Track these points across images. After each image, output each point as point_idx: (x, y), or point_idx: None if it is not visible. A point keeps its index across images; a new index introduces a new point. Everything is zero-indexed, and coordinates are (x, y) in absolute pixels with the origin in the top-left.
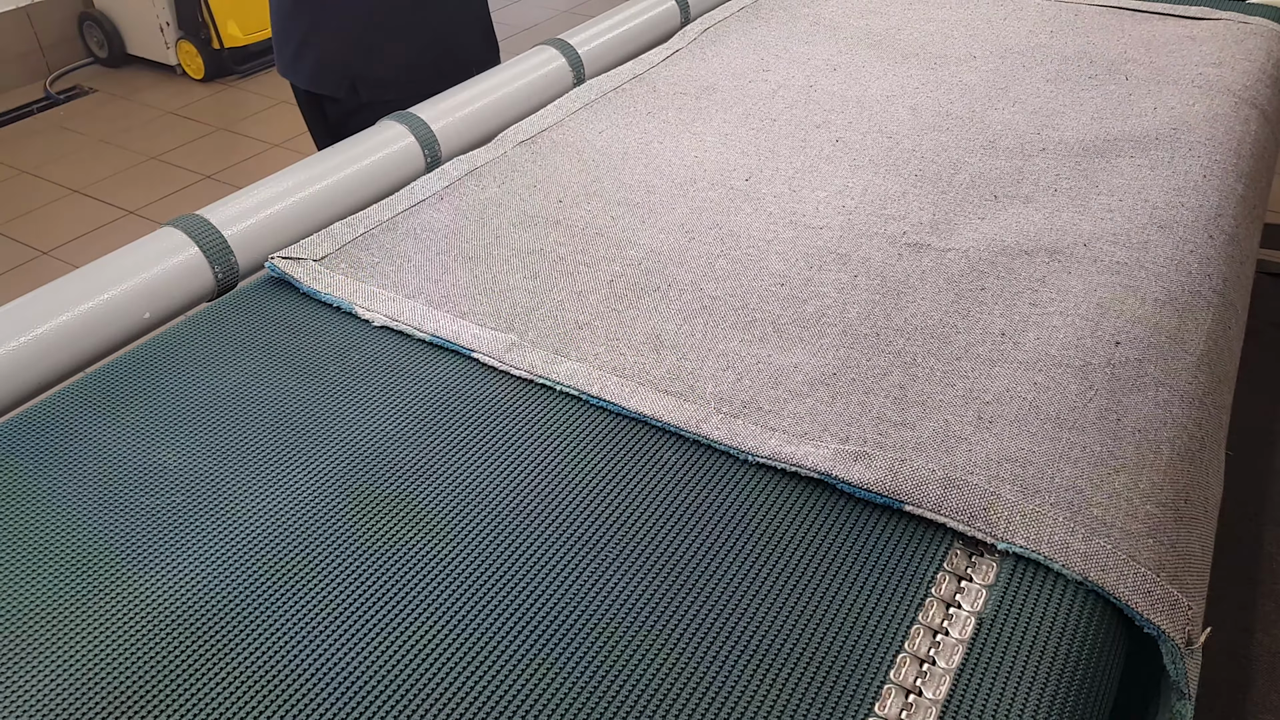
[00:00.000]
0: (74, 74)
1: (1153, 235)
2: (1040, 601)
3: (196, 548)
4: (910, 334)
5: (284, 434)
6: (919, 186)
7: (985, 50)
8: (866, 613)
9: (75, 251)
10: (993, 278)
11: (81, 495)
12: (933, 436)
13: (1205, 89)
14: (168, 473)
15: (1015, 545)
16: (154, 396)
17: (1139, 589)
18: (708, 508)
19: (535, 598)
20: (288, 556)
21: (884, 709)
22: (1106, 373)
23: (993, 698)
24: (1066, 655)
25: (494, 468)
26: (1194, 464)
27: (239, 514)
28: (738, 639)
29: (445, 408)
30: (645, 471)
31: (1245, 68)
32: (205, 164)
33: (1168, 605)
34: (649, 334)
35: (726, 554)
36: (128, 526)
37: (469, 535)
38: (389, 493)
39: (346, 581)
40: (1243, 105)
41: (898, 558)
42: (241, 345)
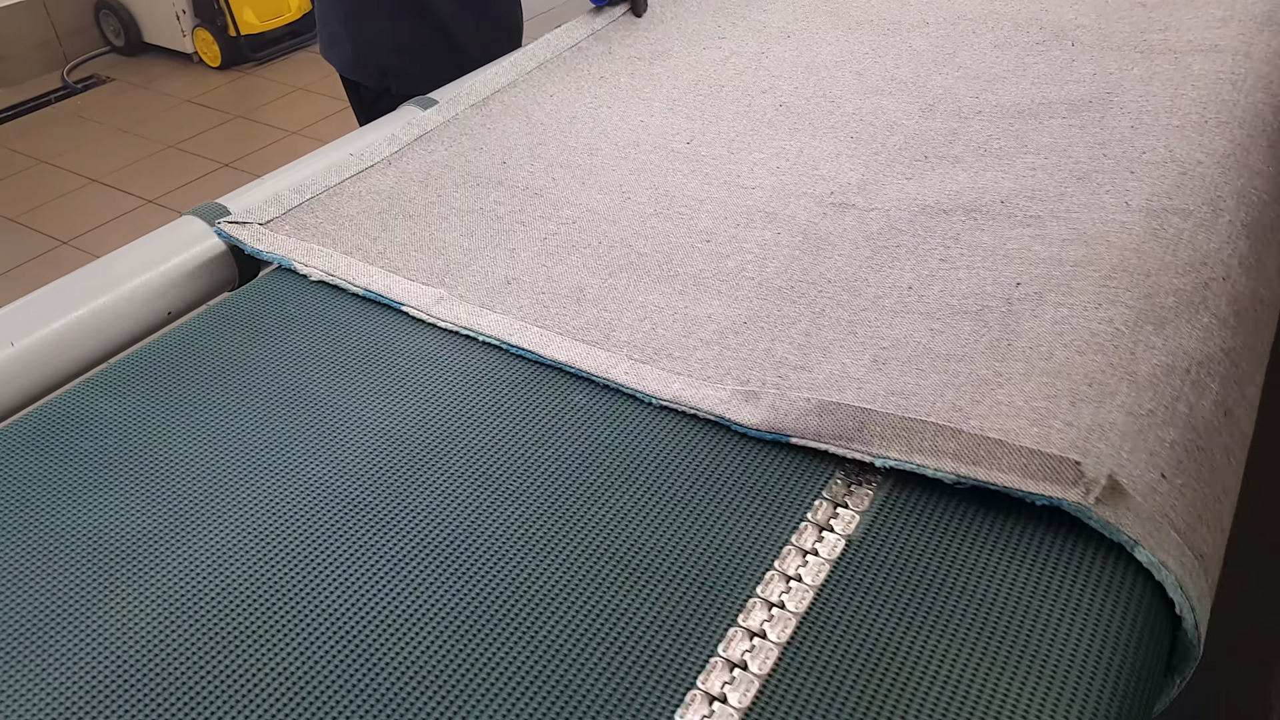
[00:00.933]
0: (91, 63)
1: (1070, 187)
2: (910, 525)
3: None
4: (823, 286)
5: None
6: (853, 148)
7: (939, 17)
8: (743, 536)
9: (95, 240)
10: (909, 235)
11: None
12: (827, 378)
13: (1146, 52)
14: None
15: (890, 459)
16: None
17: (1015, 466)
18: (609, 446)
19: (441, 520)
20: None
21: (747, 619)
22: (1003, 310)
23: (849, 611)
24: (937, 571)
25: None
26: (1098, 355)
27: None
28: (622, 559)
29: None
30: (556, 414)
31: (1192, 32)
32: (223, 152)
33: (1052, 471)
34: (574, 288)
35: (622, 487)
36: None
37: (396, 475)
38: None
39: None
40: (1181, 64)
41: (780, 488)
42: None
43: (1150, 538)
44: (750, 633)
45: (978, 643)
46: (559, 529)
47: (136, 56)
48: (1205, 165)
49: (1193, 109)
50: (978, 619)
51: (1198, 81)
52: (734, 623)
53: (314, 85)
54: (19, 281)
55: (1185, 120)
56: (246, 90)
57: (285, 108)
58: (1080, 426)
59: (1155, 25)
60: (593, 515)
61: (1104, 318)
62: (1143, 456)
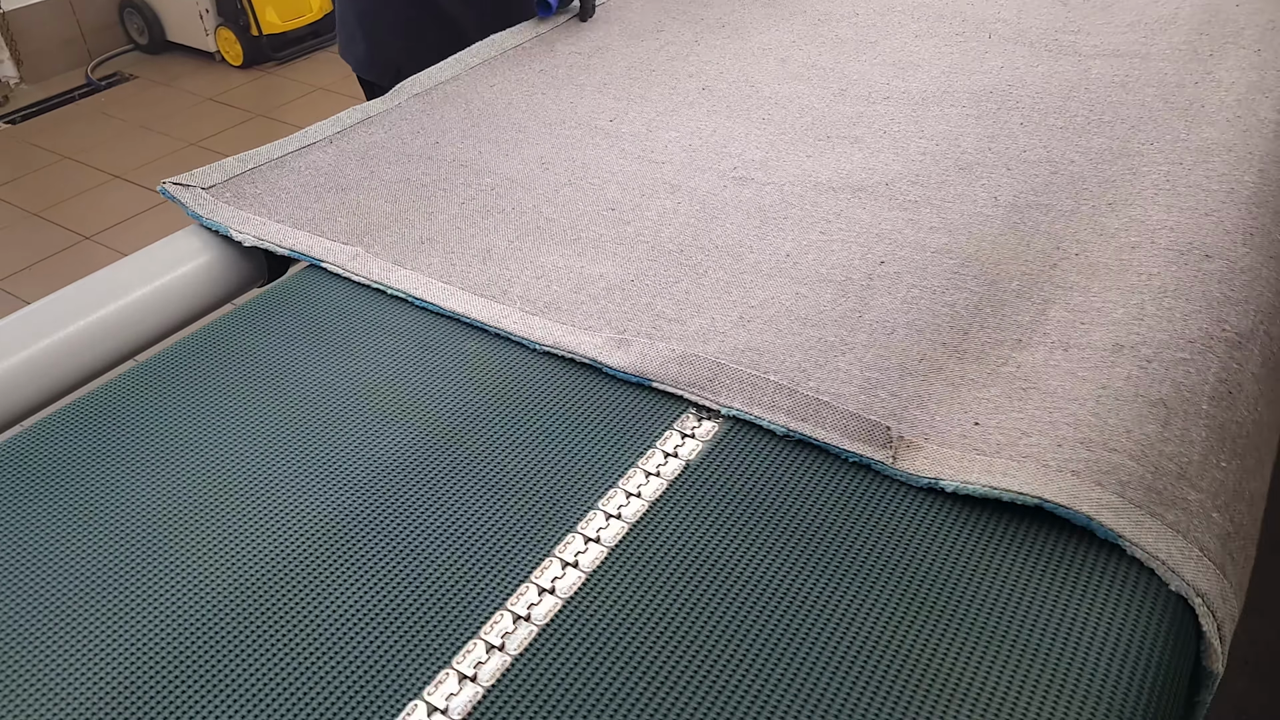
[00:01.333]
0: (114, 61)
1: (951, 176)
2: (744, 455)
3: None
4: (710, 251)
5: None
6: (762, 128)
7: (869, 7)
8: (595, 459)
9: (117, 236)
10: (797, 208)
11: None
12: (697, 331)
13: (1054, 51)
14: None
15: (733, 408)
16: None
17: (837, 426)
18: (491, 386)
19: (346, 458)
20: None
21: (585, 527)
22: (863, 284)
23: (676, 522)
24: (759, 494)
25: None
26: (934, 334)
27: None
28: (485, 476)
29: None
30: (449, 361)
31: (1099, 35)
32: (243, 149)
33: (867, 433)
34: (482, 248)
35: (496, 419)
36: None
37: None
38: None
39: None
40: (1090, 63)
41: (638, 421)
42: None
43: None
44: (586, 538)
45: (791, 556)
46: (436, 452)
47: (159, 55)
48: (1077, 164)
49: (1080, 110)
50: (796, 537)
51: (1092, 84)
52: (573, 529)
53: (334, 85)
54: (42, 276)
55: (1070, 121)
56: (267, 89)
57: (305, 107)
58: (902, 396)
59: (1069, 26)
60: (466, 441)
61: (948, 301)
62: (956, 412)
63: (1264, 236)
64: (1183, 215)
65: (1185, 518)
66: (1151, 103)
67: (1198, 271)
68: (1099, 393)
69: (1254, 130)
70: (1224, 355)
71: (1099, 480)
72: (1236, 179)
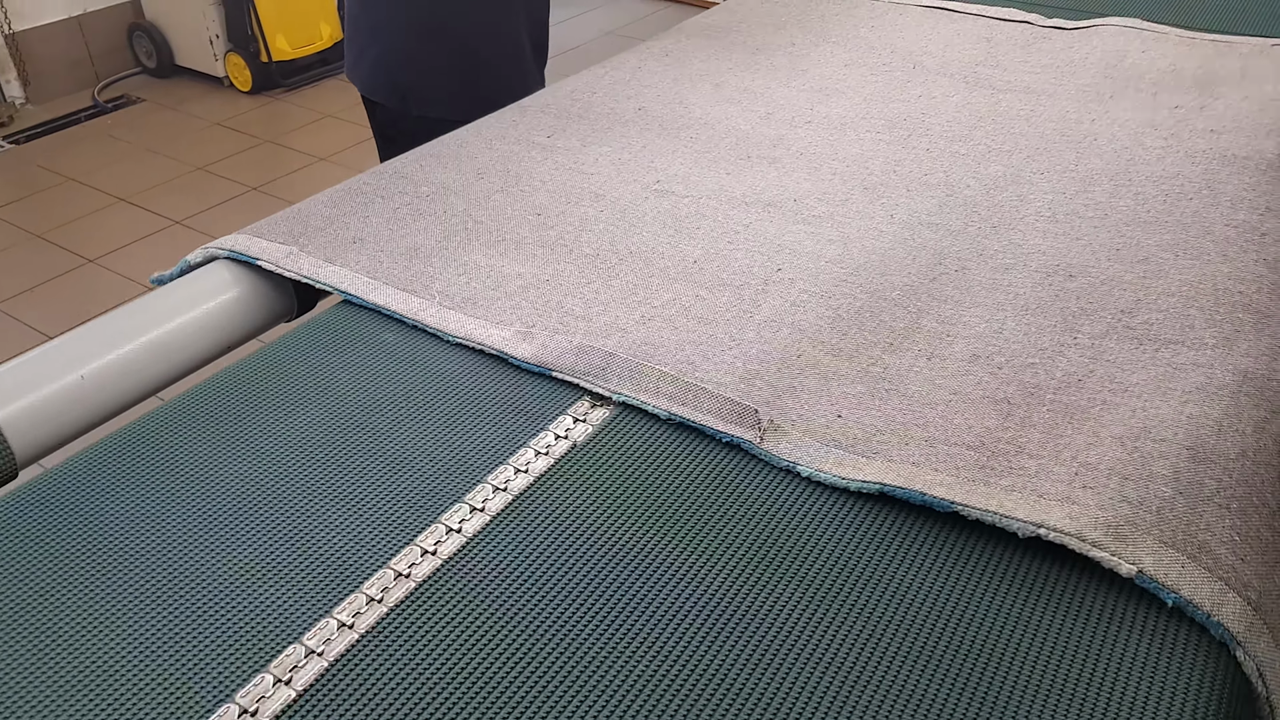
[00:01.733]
0: (122, 83)
1: (855, 195)
2: (628, 437)
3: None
4: (623, 256)
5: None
6: (689, 145)
7: (806, 39)
8: (491, 440)
9: (121, 259)
10: (710, 220)
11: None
12: (601, 327)
13: (971, 83)
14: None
15: (623, 394)
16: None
17: (712, 410)
18: (401, 375)
19: (244, 422)
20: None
21: (472, 498)
22: (758, 289)
23: (556, 495)
24: (637, 469)
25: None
26: (814, 334)
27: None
28: (385, 453)
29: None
30: (367, 352)
31: (1016, 74)
32: (252, 176)
33: (738, 416)
34: (409, 246)
35: (402, 404)
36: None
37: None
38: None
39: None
40: (1001, 97)
41: (536, 406)
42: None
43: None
44: (472, 507)
45: (659, 527)
46: (340, 429)
47: (168, 78)
48: (972, 189)
49: (984, 139)
50: (666, 509)
51: (1000, 116)
52: (460, 499)
53: (343, 112)
54: (45, 299)
55: (973, 149)
56: (276, 115)
57: (314, 134)
58: (778, 387)
59: (989, 61)
60: (369, 423)
61: (833, 305)
62: (823, 403)
63: (1131, 251)
64: (1056, 240)
65: (1023, 479)
66: (1049, 135)
67: (1060, 290)
68: (950, 398)
69: (1137, 159)
70: (1073, 355)
71: (936, 467)
72: (1111, 205)
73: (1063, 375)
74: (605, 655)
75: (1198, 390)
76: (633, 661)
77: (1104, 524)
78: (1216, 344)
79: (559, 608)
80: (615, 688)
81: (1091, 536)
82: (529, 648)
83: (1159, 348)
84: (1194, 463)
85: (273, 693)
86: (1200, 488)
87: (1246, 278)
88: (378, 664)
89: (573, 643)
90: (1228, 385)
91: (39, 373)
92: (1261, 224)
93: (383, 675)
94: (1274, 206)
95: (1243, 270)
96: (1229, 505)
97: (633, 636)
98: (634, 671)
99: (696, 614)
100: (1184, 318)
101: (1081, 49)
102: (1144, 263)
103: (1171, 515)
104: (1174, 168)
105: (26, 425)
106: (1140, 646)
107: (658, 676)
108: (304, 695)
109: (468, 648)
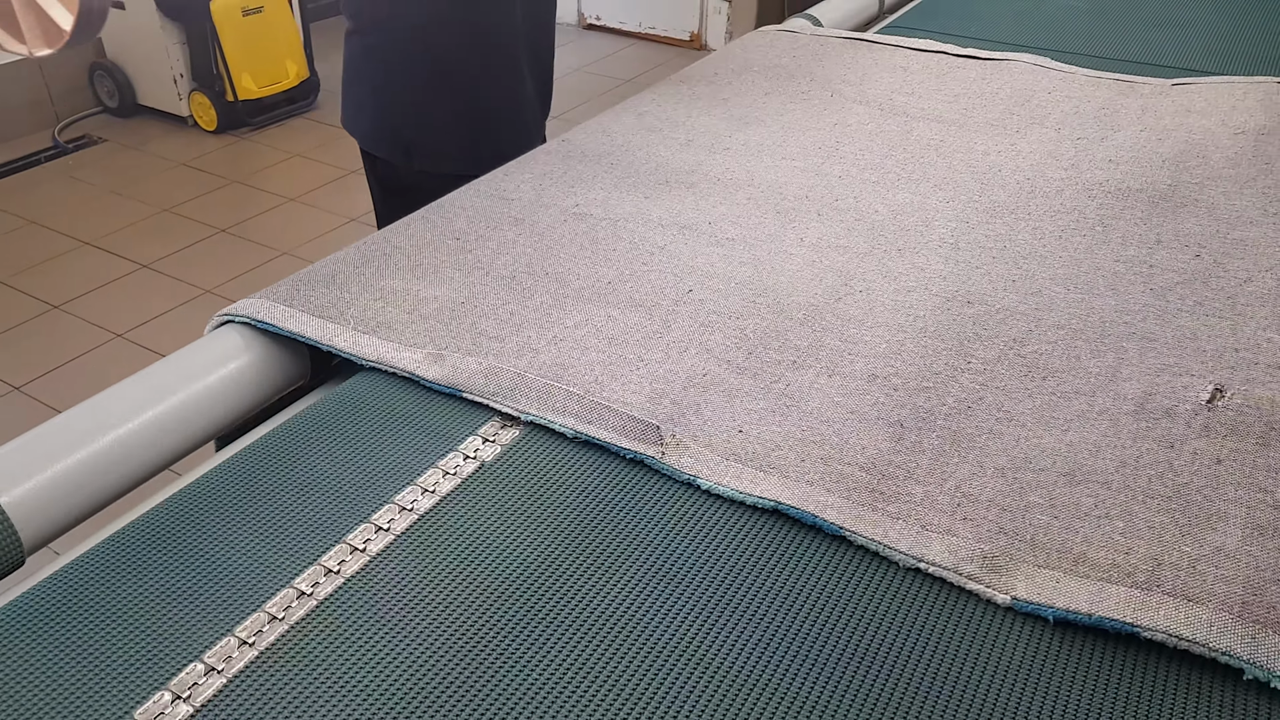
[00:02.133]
0: (82, 123)
1: (768, 219)
2: (535, 456)
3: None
4: (540, 277)
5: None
6: (609, 172)
7: (728, 67)
8: (398, 461)
9: (88, 305)
10: (626, 242)
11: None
12: (514, 348)
13: (887, 110)
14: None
15: (529, 414)
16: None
17: (617, 427)
18: (316, 397)
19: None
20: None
21: (377, 518)
22: (669, 309)
23: (460, 514)
24: (546, 491)
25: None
26: (716, 352)
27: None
28: (287, 472)
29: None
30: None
31: (930, 102)
32: (220, 217)
33: (641, 433)
34: (326, 274)
35: (315, 427)
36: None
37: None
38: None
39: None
40: (914, 125)
41: (444, 427)
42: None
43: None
44: (377, 527)
45: (560, 542)
46: (249, 451)
47: (130, 118)
48: (880, 214)
49: (894, 166)
50: (568, 525)
51: (911, 144)
52: (366, 519)
53: (311, 152)
54: (10, 346)
55: (883, 176)
56: (242, 155)
57: (283, 174)
58: (682, 404)
59: (905, 89)
60: (275, 445)
61: (739, 324)
62: (726, 419)
63: (1026, 282)
64: (957, 266)
65: (909, 507)
66: (957, 166)
67: (957, 316)
68: (847, 416)
69: (1038, 191)
70: (965, 381)
71: (829, 487)
72: (1010, 237)
73: (954, 401)
74: (506, 670)
75: (1078, 417)
76: (534, 674)
77: (980, 556)
78: (1100, 372)
79: (461, 623)
80: (516, 701)
81: (968, 570)
82: (430, 664)
83: (1045, 376)
84: (1070, 486)
85: (170, 710)
86: (1076, 507)
87: (1133, 308)
88: (277, 681)
89: (474, 658)
90: (1108, 410)
91: (44, 451)
92: (1151, 256)
93: (282, 692)
94: (1164, 239)
95: (1130, 301)
96: (1109, 514)
97: (535, 649)
98: (535, 684)
99: (597, 625)
100: (1070, 349)
101: (993, 82)
102: (1037, 295)
103: (1046, 539)
104: (1071, 202)
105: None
106: (1026, 653)
107: (559, 688)
108: (200, 711)
109: (368, 664)
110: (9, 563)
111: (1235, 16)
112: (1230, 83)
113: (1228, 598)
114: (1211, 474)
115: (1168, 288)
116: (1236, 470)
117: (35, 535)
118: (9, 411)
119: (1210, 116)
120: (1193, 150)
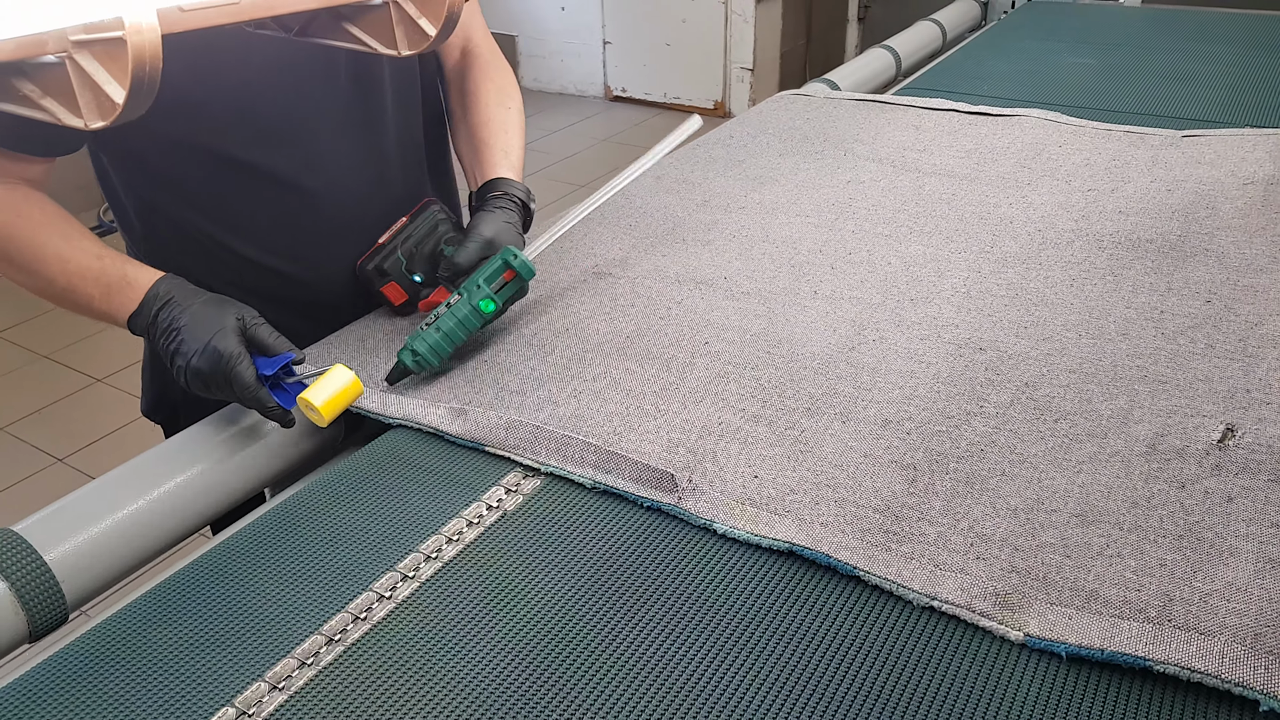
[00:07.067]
0: None
1: (783, 272)
2: (556, 505)
3: None
4: (560, 333)
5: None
6: (627, 233)
7: (744, 131)
8: (424, 512)
9: (128, 378)
10: (644, 298)
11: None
12: (535, 401)
13: (898, 166)
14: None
15: (550, 465)
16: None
17: (633, 476)
18: (362, 459)
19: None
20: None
21: (404, 566)
22: (686, 361)
23: (485, 561)
24: (567, 538)
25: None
26: (703, 395)
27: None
28: (322, 526)
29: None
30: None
31: (940, 157)
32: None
33: (656, 481)
34: (357, 336)
35: (344, 482)
36: None
37: None
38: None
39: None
40: (926, 180)
41: (469, 478)
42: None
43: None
44: (403, 575)
45: (583, 587)
46: (282, 506)
47: None
48: (893, 266)
49: (906, 220)
50: (590, 569)
51: (923, 198)
52: (392, 568)
53: None
54: (53, 420)
55: (896, 230)
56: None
57: None
58: (698, 452)
59: (917, 145)
60: (307, 500)
61: (755, 375)
62: (741, 465)
63: (1038, 329)
64: (969, 315)
65: (922, 547)
66: (969, 218)
67: (970, 362)
68: (861, 460)
69: (1049, 242)
70: (978, 424)
71: (843, 529)
72: (1022, 285)
73: (967, 444)
74: (530, 712)
75: (1090, 459)
76: (557, 716)
77: (993, 594)
78: (1112, 414)
79: (486, 666)
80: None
81: (980, 607)
82: (456, 706)
83: (1058, 419)
84: (1083, 525)
85: None
86: (1088, 546)
87: (1144, 352)
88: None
89: (499, 700)
90: (1119, 451)
91: (83, 512)
92: (1162, 303)
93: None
94: (1175, 286)
95: (1141, 346)
96: (1120, 552)
97: (558, 692)
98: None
99: (618, 668)
100: (1082, 392)
101: (1004, 137)
102: (1049, 340)
103: (1059, 577)
104: (1082, 252)
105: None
106: (1040, 689)
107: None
108: None
109: (396, 706)
110: (53, 619)
111: (1243, 69)
112: (1239, 134)
113: (1240, 630)
114: (1223, 512)
115: (1179, 332)
116: (1248, 507)
117: (78, 591)
118: (52, 483)
119: (1220, 167)
120: (1202, 201)
